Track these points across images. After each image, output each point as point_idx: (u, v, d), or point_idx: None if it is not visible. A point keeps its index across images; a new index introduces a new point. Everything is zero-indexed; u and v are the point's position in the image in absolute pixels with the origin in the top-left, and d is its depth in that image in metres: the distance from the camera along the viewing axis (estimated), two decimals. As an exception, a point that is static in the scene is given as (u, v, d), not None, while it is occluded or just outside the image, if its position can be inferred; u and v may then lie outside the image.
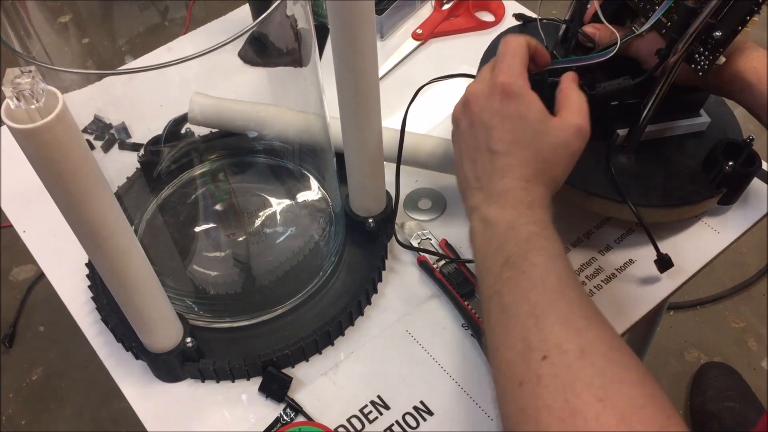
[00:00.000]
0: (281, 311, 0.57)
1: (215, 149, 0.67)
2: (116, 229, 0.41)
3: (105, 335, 0.58)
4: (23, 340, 1.35)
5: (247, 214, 0.63)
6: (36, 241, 0.65)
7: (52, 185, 0.37)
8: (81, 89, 0.41)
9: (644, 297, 0.58)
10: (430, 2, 0.85)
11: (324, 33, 0.76)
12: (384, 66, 0.78)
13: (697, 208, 0.60)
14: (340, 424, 0.53)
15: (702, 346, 1.29)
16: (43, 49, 0.59)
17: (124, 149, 0.64)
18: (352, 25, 0.45)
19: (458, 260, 0.60)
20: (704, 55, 0.51)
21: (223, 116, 0.65)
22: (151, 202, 0.64)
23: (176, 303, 0.55)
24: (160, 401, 0.54)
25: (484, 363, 0.55)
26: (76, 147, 0.36)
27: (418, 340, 0.57)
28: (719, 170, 0.58)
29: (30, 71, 0.33)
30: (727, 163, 0.57)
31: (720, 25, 0.49)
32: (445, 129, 0.65)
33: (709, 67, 0.51)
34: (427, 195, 0.66)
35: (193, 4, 1.63)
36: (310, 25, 0.50)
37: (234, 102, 0.65)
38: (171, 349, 0.52)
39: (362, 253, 0.60)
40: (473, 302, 0.57)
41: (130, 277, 0.45)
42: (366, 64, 0.48)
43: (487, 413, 0.53)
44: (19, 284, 1.42)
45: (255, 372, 0.55)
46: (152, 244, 0.62)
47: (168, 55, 0.78)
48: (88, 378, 1.29)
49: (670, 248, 0.61)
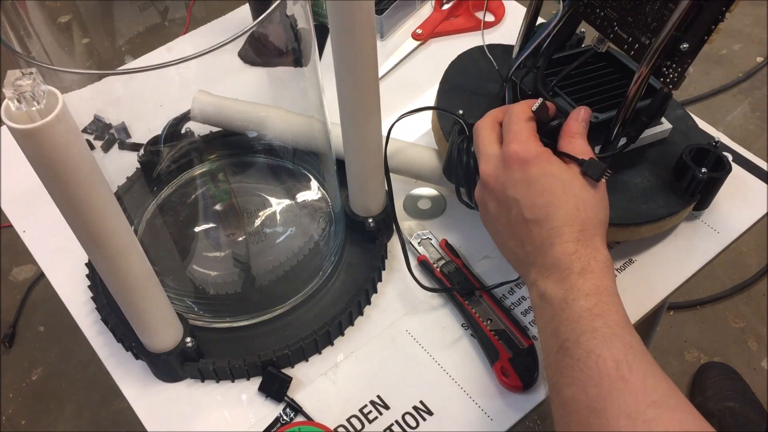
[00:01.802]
0: (281, 311, 0.57)
1: (215, 149, 0.67)
2: (116, 229, 0.41)
3: (105, 335, 0.58)
4: (23, 340, 1.35)
5: (247, 214, 0.63)
6: (36, 241, 0.65)
7: (52, 185, 0.37)
8: (81, 89, 0.41)
9: (644, 297, 0.58)
10: (430, 2, 0.85)
11: (324, 33, 0.76)
12: (384, 66, 0.78)
13: (676, 218, 0.59)
14: (340, 424, 0.53)
15: (702, 346, 1.29)
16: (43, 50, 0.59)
17: (124, 149, 0.64)
18: (352, 25, 0.45)
19: (458, 259, 0.60)
20: (672, 68, 0.50)
21: (226, 115, 0.65)
22: (151, 202, 0.64)
23: (176, 303, 0.55)
24: (160, 401, 0.54)
25: (484, 363, 0.55)
26: (76, 147, 0.36)
27: (418, 340, 0.57)
28: (692, 177, 0.57)
29: (31, 73, 0.33)
30: (699, 170, 0.56)
31: (686, 36, 0.48)
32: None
33: (678, 80, 0.50)
34: (427, 195, 0.66)
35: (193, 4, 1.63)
36: (310, 25, 0.50)
37: (235, 101, 0.65)
38: (171, 349, 0.52)
39: (362, 253, 0.60)
40: (473, 302, 0.57)
41: (130, 277, 0.45)
42: (366, 64, 0.48)
43: (487, 413, 0.53)
44: (19, 284, 1.42)
45: (255, 372, 0.55)
46: (152, 244, 0.62)
47: (168, 55, 0.78)
48: (88, 378, 1.29)
49: (669, 248, 0.61)
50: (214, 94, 0.65)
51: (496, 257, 0.61)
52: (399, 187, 0.66)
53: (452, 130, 0.57)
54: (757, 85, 1.68)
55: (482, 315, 0.56)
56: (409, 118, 0.60)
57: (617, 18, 0.52)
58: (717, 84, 1.67)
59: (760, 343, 1.29)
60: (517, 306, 0.58)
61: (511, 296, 0.59)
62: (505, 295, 0.59)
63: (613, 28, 0.53)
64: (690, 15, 0.47)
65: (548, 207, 0.45)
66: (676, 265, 0.60)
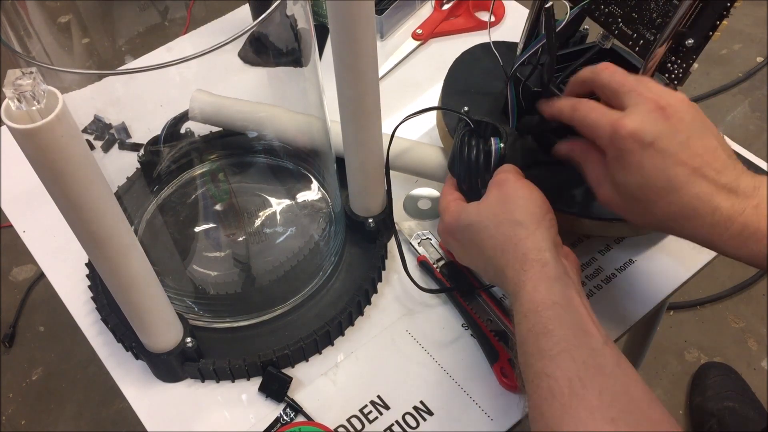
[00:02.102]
0: (281, 311, 0.57)
1: (215, 149, 0.67)
2: (116, 229, 0.41)
3: (105, 335, 0.58)
4: (23, 340, 1.35)
5: (247, 214, 0.63)
6: (36, 241, 0.65)
7: (52, 185, 0.37)
8: (81, 89, 0.41)
9: (644, 297, 0.58)
10: (430, 2, 0.85)
11: (324, 33, 0.76)
12: (384, 66, 0.78)
13: None
14: (340, 424, 0.53)
15: (702, 346, 1.29)
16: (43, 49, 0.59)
17: (124, 149, 0.64)
18: (352, 25, 0.45)
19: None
20: (677, 64, 0.50)
21: (224, 114, 0.65)
22: (151, 202, 0.64)
23: (176, 303, 0.55)
24: (160, 401, 0.54)
25: (484, 363, 0.55)
26: (76, 147, 0.36)
27: (418, 340, 0.57)
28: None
29: (31, 73, 0.33)
30: None
31: (691, 32, 0.48)
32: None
33: (683, 76, 0.50)
34: (427, 195, 0.66)
35: (193, 4, 1.63)
36: (310, 25, 0.50)
37: (234, 100, 0.65)
38: (171, 349, 0.52)
39: (362, 253, 0.60)
40: (473, 302, 0.57)
41: (130, 277, 0.45)
42: (366, 64, 0.48)
43: (487, 413, 0.53)
44: (19, 284, 1.42)
45: (255, 372, 0.55)
46: (152, 244, 0.62)
47: (168, 55, 0.78)
48: (88, 378, 1.29)
49: (670, 248, 0.61)
50: (212, 93, 0.65)
51: (496, 257, 0.61)
52: (399, 187, 0.66)
53: (457, 126, 0.57)
54: (757, 85, 1.68)
55: (482, 315, 0.56)
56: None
57: (622, 14, 0.52)
58: (717, 84, 1.67)
59: (760, 343, 1.29)
60: (517, 306, 0.58)
61: (511, 296, 0.59)
62: (505, 295, 0.59)
63: (618, 24, 0.53)
64: (695, 10, 0.47)
65: (477, 258, 0.50)
66: (676, 265, 0.60)
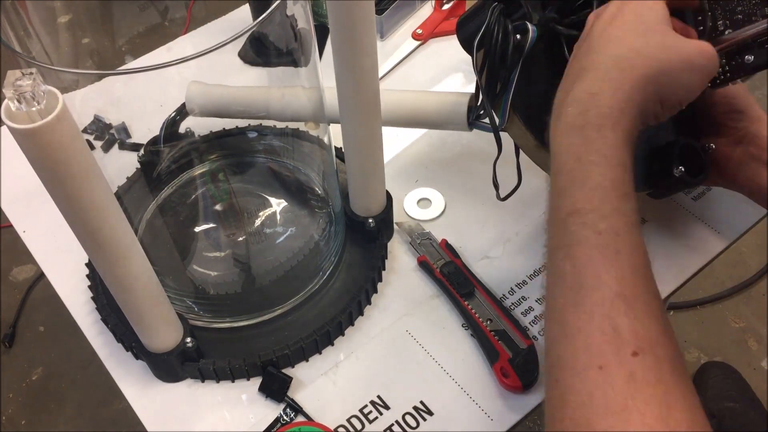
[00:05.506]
0: (281, 311, 0.57)
1: (215, 149, 0.67)
2: (116, 230, 0.41)
3: (105, 335, 0.58)
4: (23, 340, 1.35)
5: (247, 214, 0.63)
6: (36, 241, 0.65)
7: (52, 185, 0.37)
8: (81, 89, 0.41)
9: (644, 297, 0.58)
10: (430, 2, 0.85)
11: (324, 33, 0.75)
12: (384, 66, 0.78)
13: None
14: (340, 424, 0.53)
15: (702, 346, 1.29)
16: (43, 49, 0.59)
17: (124, 149, 0.64)
18: (352, 25, 0.45)
19: (458, 259, 0.60)
20: (725, 68, 0.48)
21: (222, 103, 0.64)
22: (151, 202, 0.64)
23: (176, 303, 0.55)
24: (160, 401, 0.54)
25: (485, 363, 0.55)
26: (76, 147, 0.36)
27: (418, 340, 0.57)
28: (667, 172, 0.53)
29: (31, 73, 0.33)
30: (677, 168, 0.53)
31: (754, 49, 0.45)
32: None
33: (720, 84, 0.48)
34: (427, 195, 0.66)
35: (193, 4, 1.63)
36: (310, 25, 0.50)
37: (230, 87, 0.64)
38: (171, 349, 0.52)
39: (362, 253, 0.60)
40: (473, 302, 0.57)
41: (130, 276, 0.45)
42: (366, 64, 0.48)
43: (487, 413, 0.53)
44: (19, 284, 1.42)
45: (255, 372, 0.55)
46: (152, 244, 0.62)
47: (168, 55, 0.78)
48: (88, 378, 1.29)
49: (670, 248, 0.61)
50: (206, 83, 0.64)
51: (496, 257, 0.61)
52: (399, 187, 0.66)
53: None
54: (757, 85, 1.67)
55: (482, 315, 0.56)
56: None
57: None
58: (717, 84, 1.66)
59: (760, 343, 1.29)
60: (517, 306, 0.58)
61: (511, 296, 0.59)
62: (505, 295, 0.59)
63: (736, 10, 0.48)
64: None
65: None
66: (676, 265, 0.60)
